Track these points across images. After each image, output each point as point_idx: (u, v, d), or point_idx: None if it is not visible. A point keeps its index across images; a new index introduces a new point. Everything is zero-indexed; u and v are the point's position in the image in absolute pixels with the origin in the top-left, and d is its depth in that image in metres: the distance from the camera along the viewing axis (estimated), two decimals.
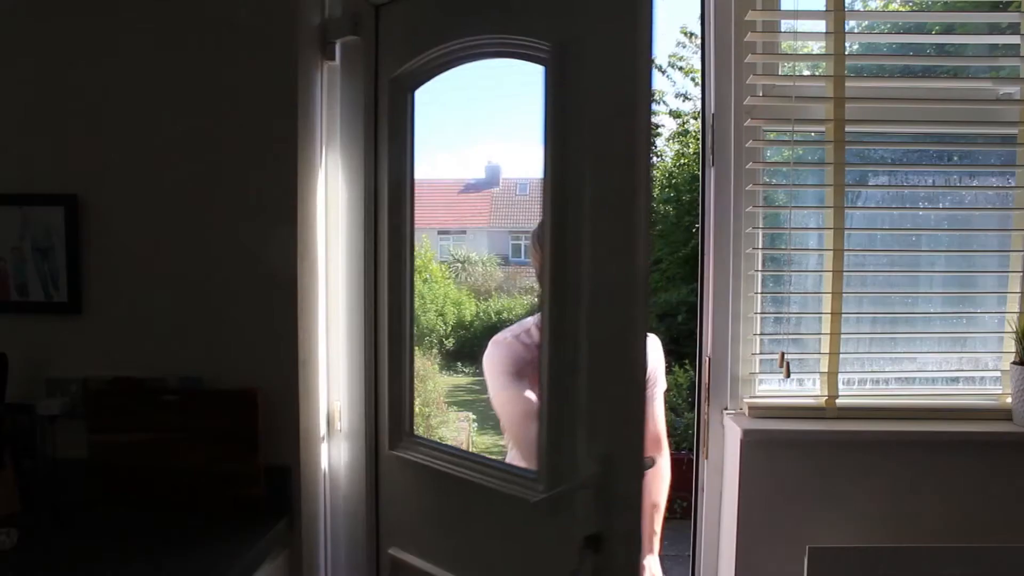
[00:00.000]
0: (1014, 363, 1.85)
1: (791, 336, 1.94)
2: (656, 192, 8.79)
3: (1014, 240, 1.93)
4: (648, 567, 1.95)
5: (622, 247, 1.21)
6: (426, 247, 11.24)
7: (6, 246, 1.68)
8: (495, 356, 1.85)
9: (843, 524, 1.83)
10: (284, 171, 1.63)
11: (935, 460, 1.85)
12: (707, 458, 1.97)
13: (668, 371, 5.58)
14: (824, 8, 1.89)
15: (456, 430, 7.19)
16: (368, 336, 1.73)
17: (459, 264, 13.45)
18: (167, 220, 1.66)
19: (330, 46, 1.71)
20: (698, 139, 4.84)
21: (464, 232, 16.64)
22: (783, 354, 1.88)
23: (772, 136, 1.92)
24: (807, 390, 1.95)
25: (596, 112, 1.26)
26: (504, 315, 11.11)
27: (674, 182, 8.59)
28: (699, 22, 2.01)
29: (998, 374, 1.95)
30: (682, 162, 8.50)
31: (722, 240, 1.90)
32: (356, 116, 1.72)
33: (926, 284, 1.99)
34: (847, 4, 1.87)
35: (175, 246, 1.66)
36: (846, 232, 1.88)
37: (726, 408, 1.94)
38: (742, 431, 1.82)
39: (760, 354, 1.93)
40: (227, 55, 1.63)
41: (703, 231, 1.97)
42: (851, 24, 2.02)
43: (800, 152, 1.98)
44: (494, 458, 1.96)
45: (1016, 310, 1.91)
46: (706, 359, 1.96)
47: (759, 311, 1.92)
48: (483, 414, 7.43)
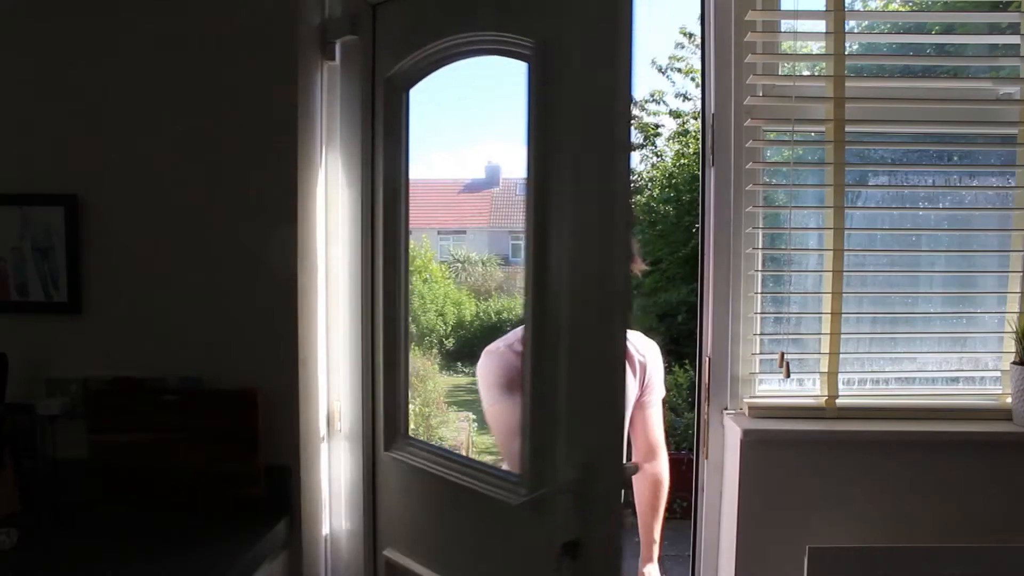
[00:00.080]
0: (1014, 363, 1.85)
1: (791, 336, 1.94)
2: (656, 192, 8.80)
3: (1014, 240, 1.93)
4: (648, 575, 1.95)
5: (601, 250, 1.21)
6: (426, 247, 11.24)
7: (6, 246, 1.68)
8: (487, 367, 1.84)
9: (843, 524, 1.83)
10: (284, 171, 1.63)
11: (935, 460, 1.84)
12: (707, 458, 1.97)
13: (668, 371, 5.59)
14: (824, 8, 1.88)
15: (456, 430, 7.19)
16: (366, 337, 1.73)
17: (459, 264, 13.46)
18: (167, 220, 1.66)
19: (330, 46, 1.71)
20: (698, 139, 4.83)
21: (464, 232, 16.65)
22: (783, 354, 1.87)
23: (772, 136, 1.92)
24: (807, 390, 1.95)
25: (577, 110, 1.25)
26: (504, 315, 11.12)
27: (674, 182, 8.58)
28: (699, 22, 2.00)
29: (998, 374, 1.94)
30: (682, 162, 8.48)
31: (722, 240, 1.90)
32: (356, 116, 1.72)
33: (926, 284, 1.99)
34: (847, 4, 1.86)
35: (175, 246, 1.66)
36: (846, 232, 1.88)
37: (726, 408, 1.94)
38: (742, 431, 1.82)
39: (760, 354, 1.92)
40: (227, 55, 1.63)
41: (703, 231, 1.96)
42: (851, 24, 2.01)
43: (800, 152, 1.98)
44: (488, 460, 1.96)
45: (1016, 310, 1.91)
46: (706, 359, 1.96)
47: (759, 311, 1.91)
48: (483, 414, 7.41)
